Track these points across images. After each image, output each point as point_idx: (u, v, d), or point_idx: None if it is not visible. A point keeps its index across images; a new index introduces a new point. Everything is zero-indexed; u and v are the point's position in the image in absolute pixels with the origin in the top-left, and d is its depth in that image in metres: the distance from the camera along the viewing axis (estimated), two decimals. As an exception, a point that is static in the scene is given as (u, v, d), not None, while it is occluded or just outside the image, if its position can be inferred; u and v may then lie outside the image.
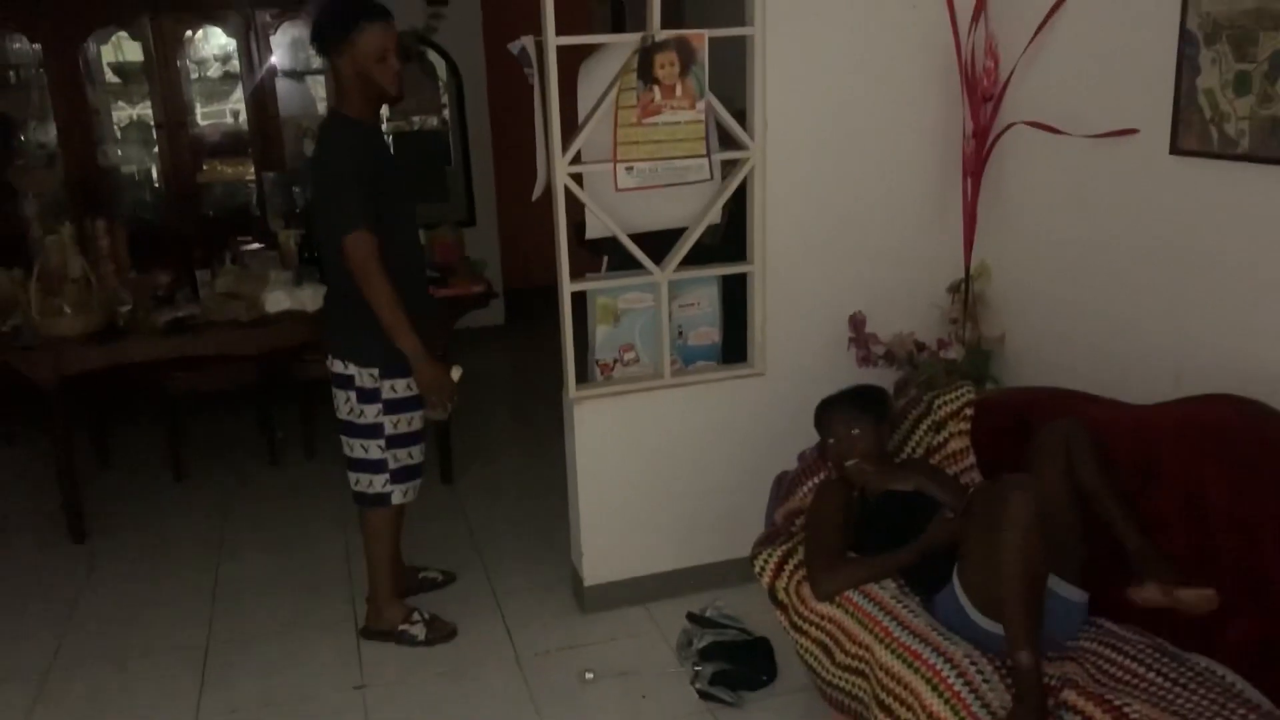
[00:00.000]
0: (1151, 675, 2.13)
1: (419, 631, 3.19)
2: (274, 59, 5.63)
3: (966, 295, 3.28)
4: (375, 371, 2.96)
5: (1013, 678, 2.08)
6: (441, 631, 3.22)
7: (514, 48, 2.95)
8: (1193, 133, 2.50)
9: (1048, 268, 3.08)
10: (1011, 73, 3.02)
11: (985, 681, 2.11)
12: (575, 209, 3.04)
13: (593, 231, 3.10)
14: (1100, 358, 2.88)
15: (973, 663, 2.15)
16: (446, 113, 6.61)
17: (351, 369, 2.97)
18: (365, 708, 2.91)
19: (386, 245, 2.82)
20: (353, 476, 3.11)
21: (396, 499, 3.10)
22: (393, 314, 2.80)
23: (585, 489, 3.24)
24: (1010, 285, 3.24)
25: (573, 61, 2.99)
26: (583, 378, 3.21)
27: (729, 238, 3.32)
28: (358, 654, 3.18)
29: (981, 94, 3.08)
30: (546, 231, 3.03)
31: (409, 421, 3.05)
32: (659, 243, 3.16)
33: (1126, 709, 1.97)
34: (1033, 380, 3.05)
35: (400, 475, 3.09)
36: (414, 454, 3.11)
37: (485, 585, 3.56)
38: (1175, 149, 2.56)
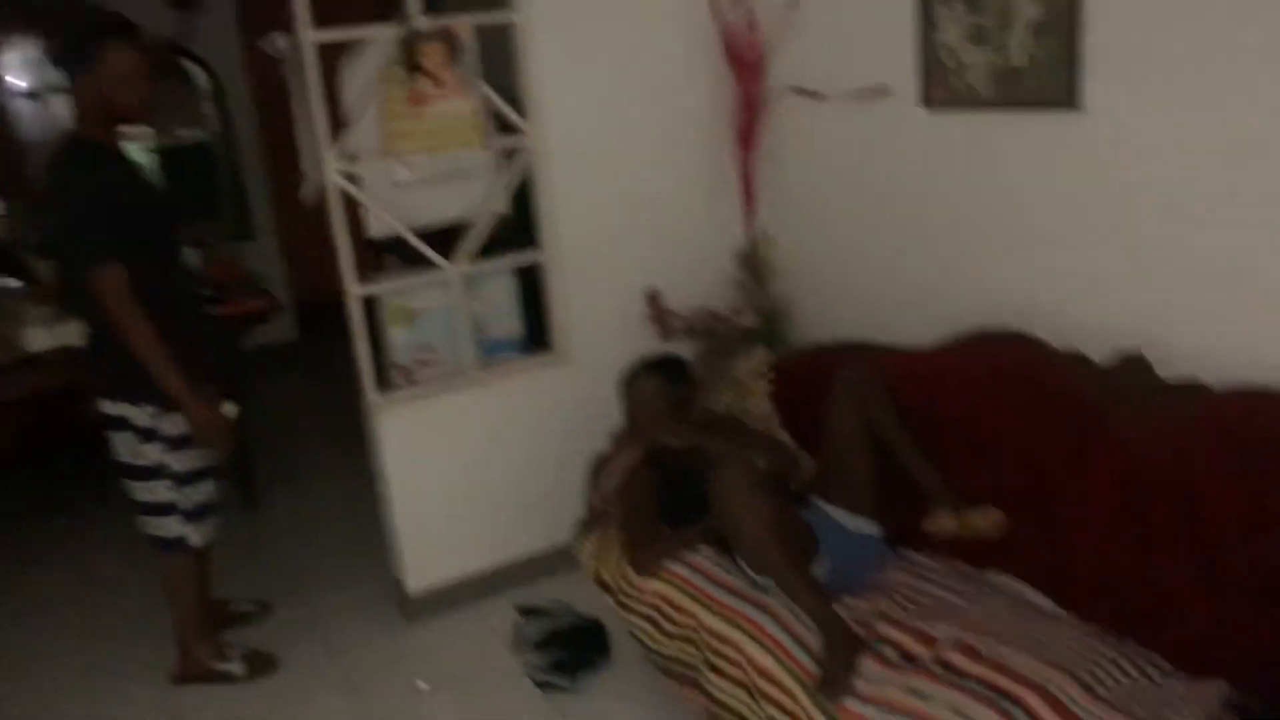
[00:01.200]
0: (953, 598, 2.26)
1: (236, 668, 3.03)
2: (7, 78, 5.17)
3: (754, 262, 3.38)
4: (151, 409, 2.74)
5: (812, 621, 2.16)
6: (261, 665, 3.06)
7: (267, 45, 2.82)
8: (940, 85, 2.66)
9: (827, 228, 3.22)
10: (773, 44, 3.13)
11: (805, 626, 2.19)
12: (359, 218, 2.94)
13: (375, 230, 3.01)
14: (882, 308, 3.04)
15: (789, 607, 2.23)
16: (211, 124, 6.26)
17: (125, 409, 2.75)
18: (186, 758, 2.74)
19: (148, 273, 2.62)
20: (145, 520, 2.89)
21: (194, 540, 2.91)
22: (153, 352, 2.59)
23: (399, 497, 3.16)
24: (795, 248, 3.37)
25: (334, 57, 2.89)
26: (384, 384, 3.12)
27: (519, 225, 3.30)
28: (171, 701, 2.98)
29: (746, 66, 3.17)
30: (331, 239, 2.92)
31: (194, 457, 2.85)
32: (449, 239, 3.10)
33: (931, 631, 2.09)
34: (824, 336, 3.18)
35: (194, 515, 2.89)
36: (206, 491, 2.92)
37: (304, 610, 3.41)
38: (926, 102, 2.72)
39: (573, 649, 2.86)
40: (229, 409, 2.82)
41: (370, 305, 3.04)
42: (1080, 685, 1.88)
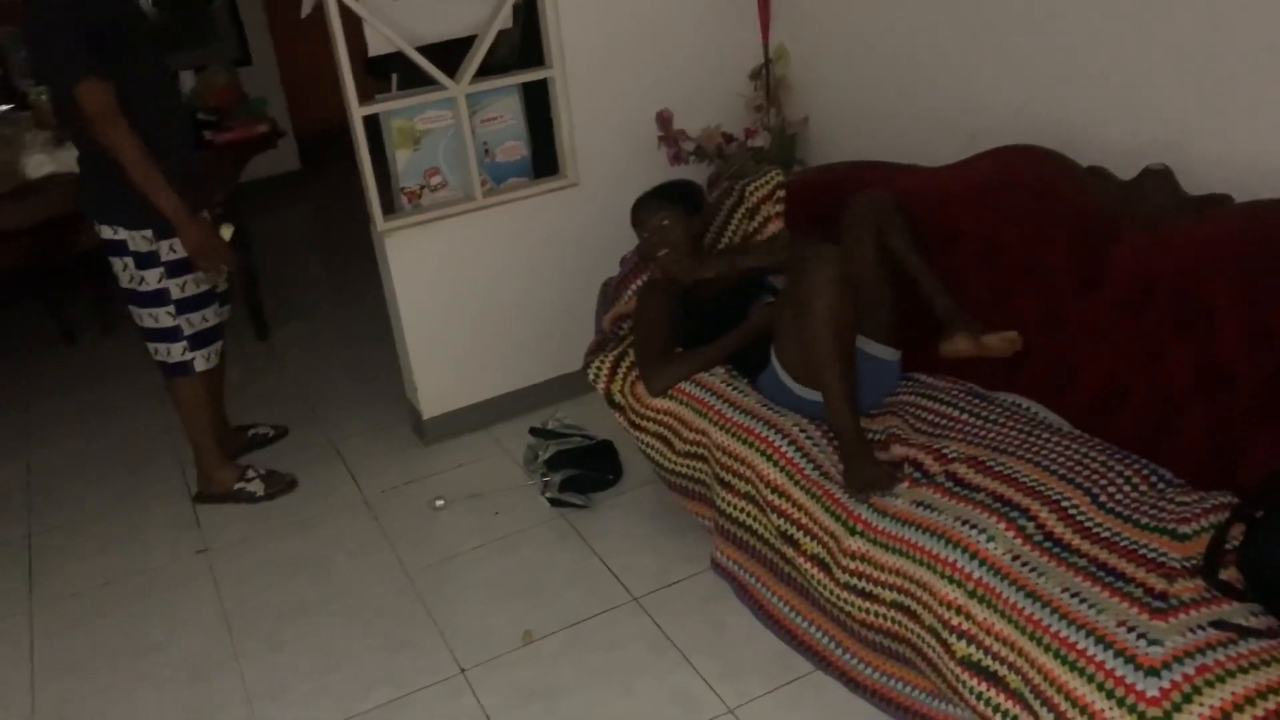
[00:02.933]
0: (965, 416, 2.28)
1: (256, 487, 3.10)
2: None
3: (767, 81, 3.27)
4: (149, 233, 2.70)
5: (837, 436, 2.18)
6: (280, 484, 3.14)
7: None
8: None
9: (842, 45, 3.09)
10: None
11: (815, 445, 2.22)
12: (357, 37, 2.82)
13: (375, 48, 2.89)
14: (899, 128, 2.95)
15: (801, 430, 2.25)
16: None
17: (122, 233, 2.71)
18: (212, 571, 2.83)
19: (132, 94, 2.53)
20: (150, 347, 2.91)
21: (199, 365, 2.92)
22: (143, 169, 2.54)
23: (410, 323, 3.16)
24: (808, 67, 3.24)
25: None
26: (390, 210, 3.07)
27: (526, 48, 3.17)
28: (196, 520, 3.07)
29: None
30: (331, 60, 2.81)
31: (197, 282, 2.83)
32: (451, 56, 2.98)
33: (944, 449, 2.11)
34: (839, 158, 3.10)
35: (198, 340, 2.89)
36: (209, 316, 2.91)
37: (320, 434, 3.47)
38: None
39: (586, 468, 2.91)
40: (227, 230, 2.79)
41: (374, 129, 2.96)
42: (1089, 497, 1.90)
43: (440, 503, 2.97)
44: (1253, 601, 1.61)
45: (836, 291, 2.13)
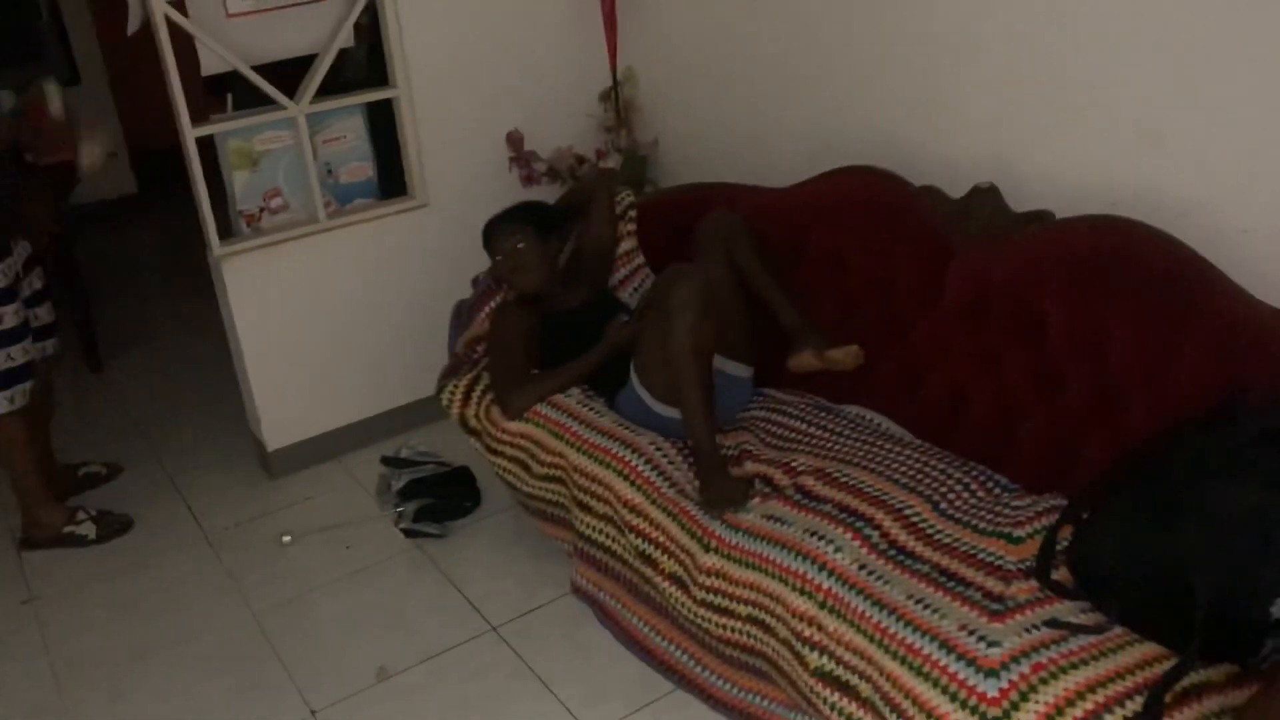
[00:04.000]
0: (812, 429, 2.32)
1: (87, 530, 2.91)
2: None
3: (617, 103, 3.29)
4: None
5: (695, 456, 2.19)
6: (114, 526, 2.96)
7: None
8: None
9: (689, 68, 3.13)
10: None
11: (671, 463, 2.22)
12: (192, 55, 2.70)
13: (209, 67, 2.78)
14: (746, 148, 3.01)
15: (658, 449, 2.26)
16: (19, -48, 5.62)
17: None
18: (39, 621, 2.64)
19: None
20: None
21: (2, 407, 2.70)
22: None
23: (251, 351, 3.03)
24: (658, 89, 3.28)
25: None
26: (228, 234, 2.95)
27: (372, 66, 3.10)
28: (20, 569, 2.86)
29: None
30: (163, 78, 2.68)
31: (0, 318, 2.64)
32: (292, 76, 2.89)
33: (793, 463, 2.14)
34: (689, 178, 3.14)
35: (3, 379, 2.68)
36: (14, 354, 2.69)
37: (159, 470, 3.29)
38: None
39: (440, 496, 2.85)
40: (52, 104, 2.73)
41: (211, 151, 2.84)
42: (930, 504, 1.97)
43: (288, 538, 2.86)
44: (1083, 599, 1.69)
45: (698, 309, 2.14)
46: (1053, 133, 2.21)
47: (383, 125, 3.09)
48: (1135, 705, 1.46)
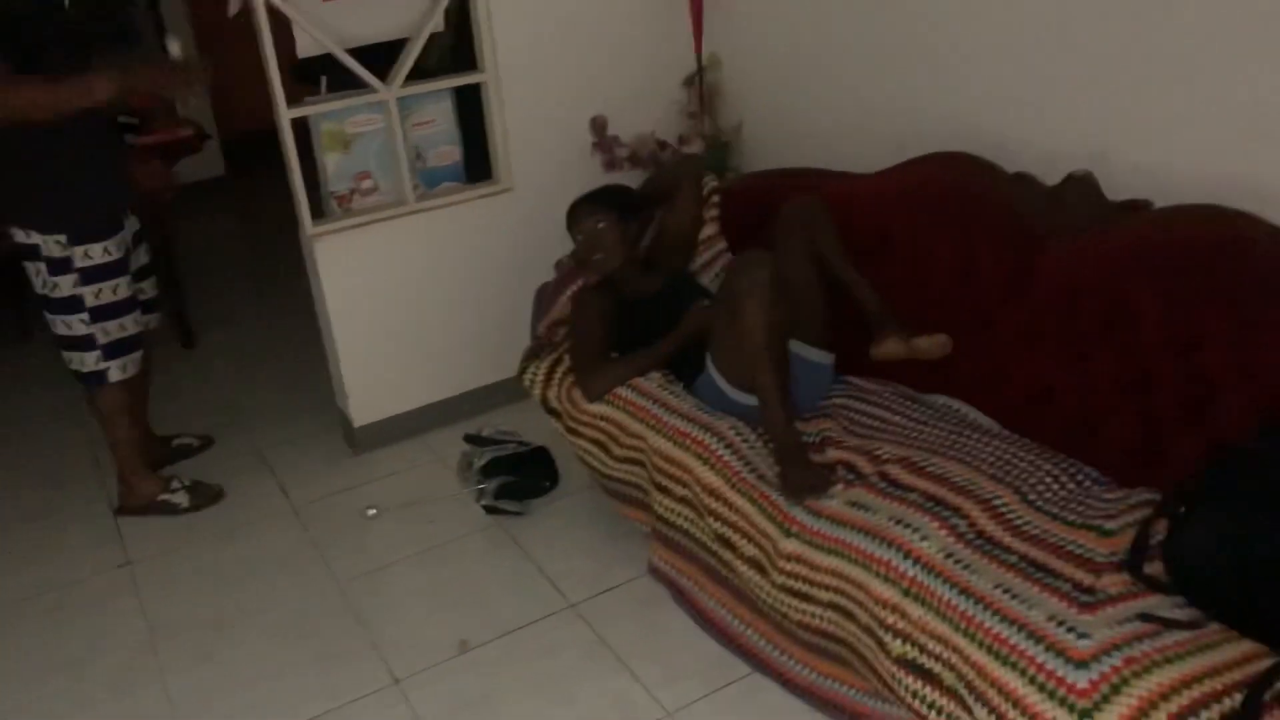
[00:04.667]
0: (897, 418, 2.31)
1: (181, 499, 3.02)
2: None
3: (701, 88, 3.29)
4: (62, 238, 2.61)
5: (772, 439, 2.19)
6: (206, 495, 3.06)
7: None
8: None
9: (774, 54, 3.12)
10: None
11: (751, 449, 2.23)
12: (285, 39, 2.77)
13: (304, 49, 2.84)
14: (831, 135, 2.98)
15: (738, 433, 2.26)
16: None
17: (35, 237, 2.61)
18: (136, 584, 2.75)
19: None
20: (64, 355, 2.80)
21: (114, 375, 2.81)
22: (45, 94, 2.40)
23: (340, 329, 3.10)
24: (742, 75, 3.27)
25: None
26: (320, 214, 3.02)
27: (458, 51, 3.14)
28: (118, 533, 2.98)
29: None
30: (258, 63, 2.75)
31: (114, 290, 2.73)
32: (381, 58, 2.95)
33: (877, 451, 2.13)
34: (772, 164, 3.12)
35: (113, 350, 2.79)
36: (126, 325, 2.80)
37: (248, 444, 3.39)
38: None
39: (522, 475, 2.89)
40: (174, 46, 2.76)
41: (303, 133, 2.90)
42: (1018, 495, 1.94)
43: (372, 511, 2.92)
44: (1176, 595, 1.66)
45: (767, 294, 2.15)
46: (1152, 120, 2.16)
47: (470, 110, 3.13)
48: (1233, 703, 1.43)
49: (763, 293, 2.14)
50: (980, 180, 2.39)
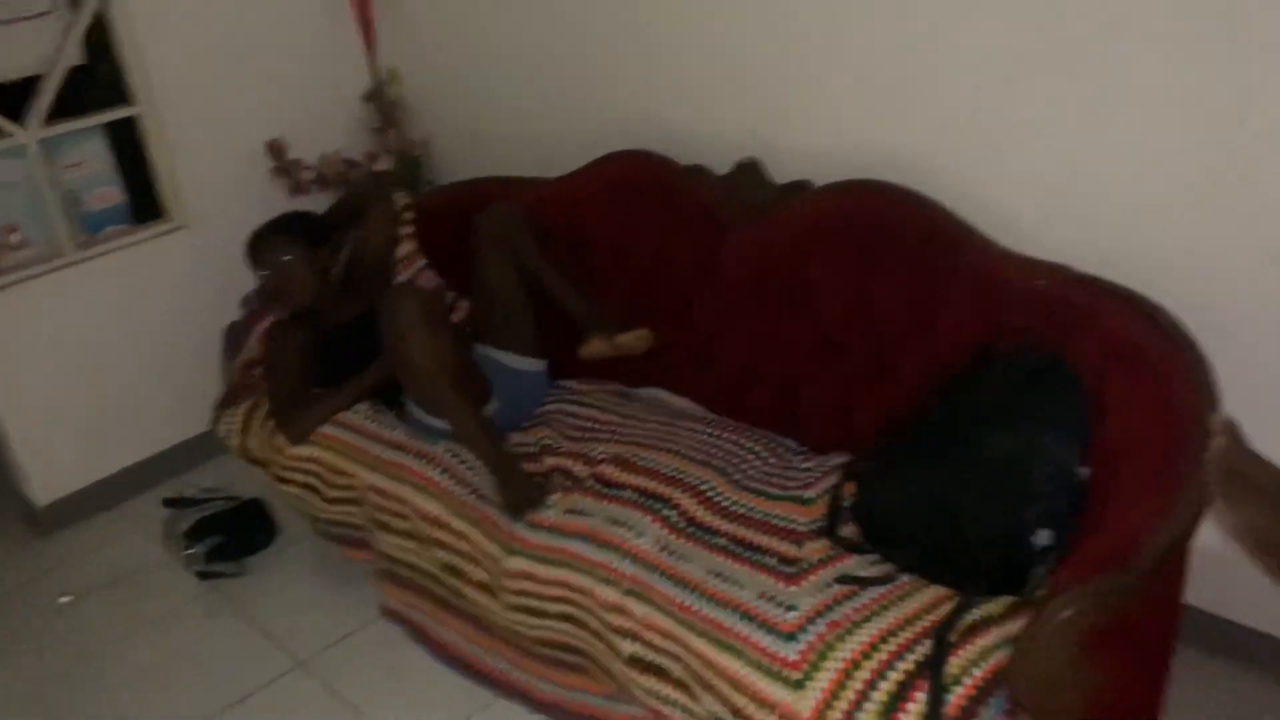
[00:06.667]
0: (609, 417, 2.31)
1: None
2: None
3: (382, 103, 3.18)
4: None
5: (480, 460, 2.14)
6: None
7: None
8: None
9: (456, 64, 3.06)
10: None
11: (469, 469, 2.16)
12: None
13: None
14: (522, 141, 2.96)
15: (455, 455, 2.20)
16: None
17: None
18: None
19: None
20: None
21: None
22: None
23: (7, 401, 2.77)
24: (426, 87, 3.19)
25: None
26: (-37, 276, 2.68)
27: (108, 80, 2.87)
28: None
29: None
30: None
31: None
32: (18, 99, 2.65)
33: (591, 452, 2.13)
34: (468, 175, 3.06)
35: None
36: None
37: (-90, 545, 2.97)
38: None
39: (232, 533, 2.68)
40: None
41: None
42: (724, 476, 1.99)
43: (66, 598, 2.63)
44: (871, 552, 1.74)
45: (419, 329, 2.10)
46: (804, 102, 2.27)
47: (130, 146, 2.87)
48: (924, 650, 1.51)
49: (414, 329, 2.10)
50: (661, 175, 2.44)
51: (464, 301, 2.72)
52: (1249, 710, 1.95)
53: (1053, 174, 1.96)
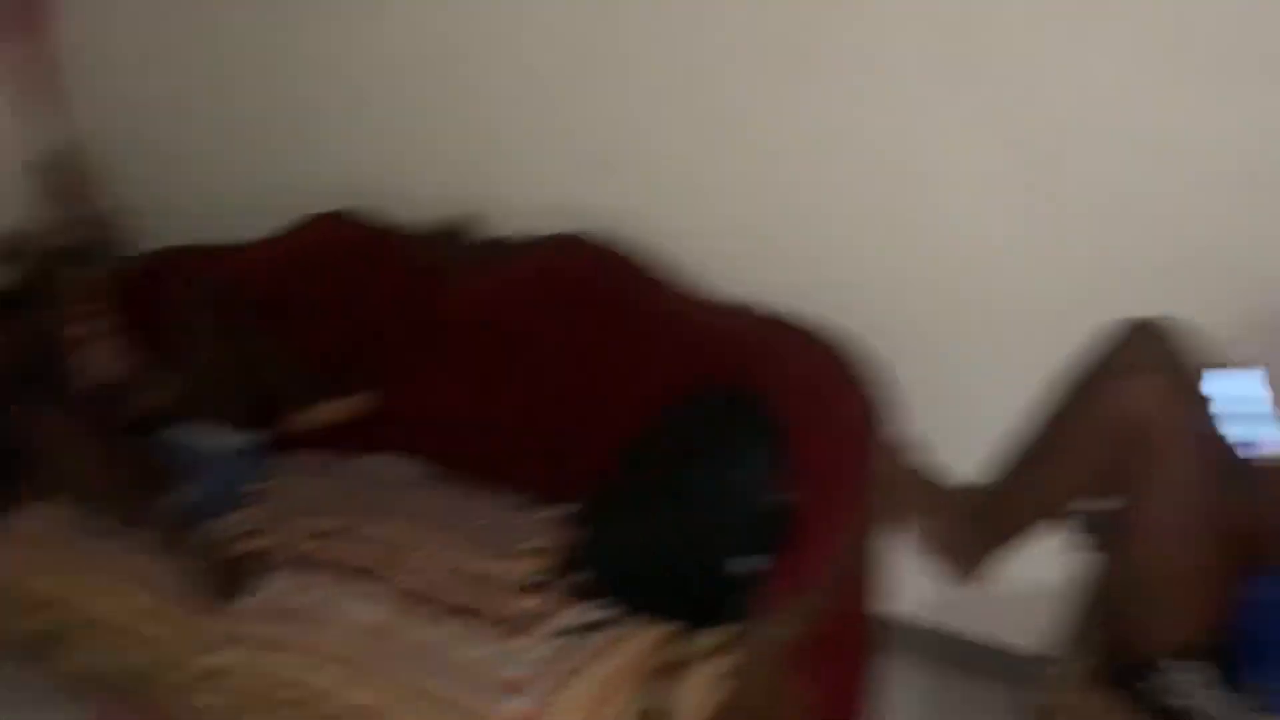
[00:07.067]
0: (327, 488, 2.21)
1: None
2: None
3: (63, 174, 2.94)
4: None
5: (171, 554, 2.01)
6: None
7: None
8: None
9: (147, 133, 2.90)
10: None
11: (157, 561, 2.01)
12: None
13: None
14: (225, 204, 2.81)
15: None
16: None
17: None
18: None
19: None
20: None
21: None
22: None
23: None
24: (114, 150, 2.97)
25: None
26: None
27: None
28: None
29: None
30: None
31: None
32: None
33: (307, 527, 2.03)
34: (171, 242, 2.88)
35: None
36: None
37: None
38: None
39: None
40: None
41: None
42: (446, 536, 1.95)
43: None
44: (598, 596, 1.75)
45: (69, 445, 2.05)
46: (510, 159, 2.31)
47: None
48: (650, 691, 1.52)
49: (60, 440, 2.04)
50: (365, 235, 2.39)
51: (165, 376, 2.54)
52: (971, 711, 2.08)
53: (749, 218, 2.10)
